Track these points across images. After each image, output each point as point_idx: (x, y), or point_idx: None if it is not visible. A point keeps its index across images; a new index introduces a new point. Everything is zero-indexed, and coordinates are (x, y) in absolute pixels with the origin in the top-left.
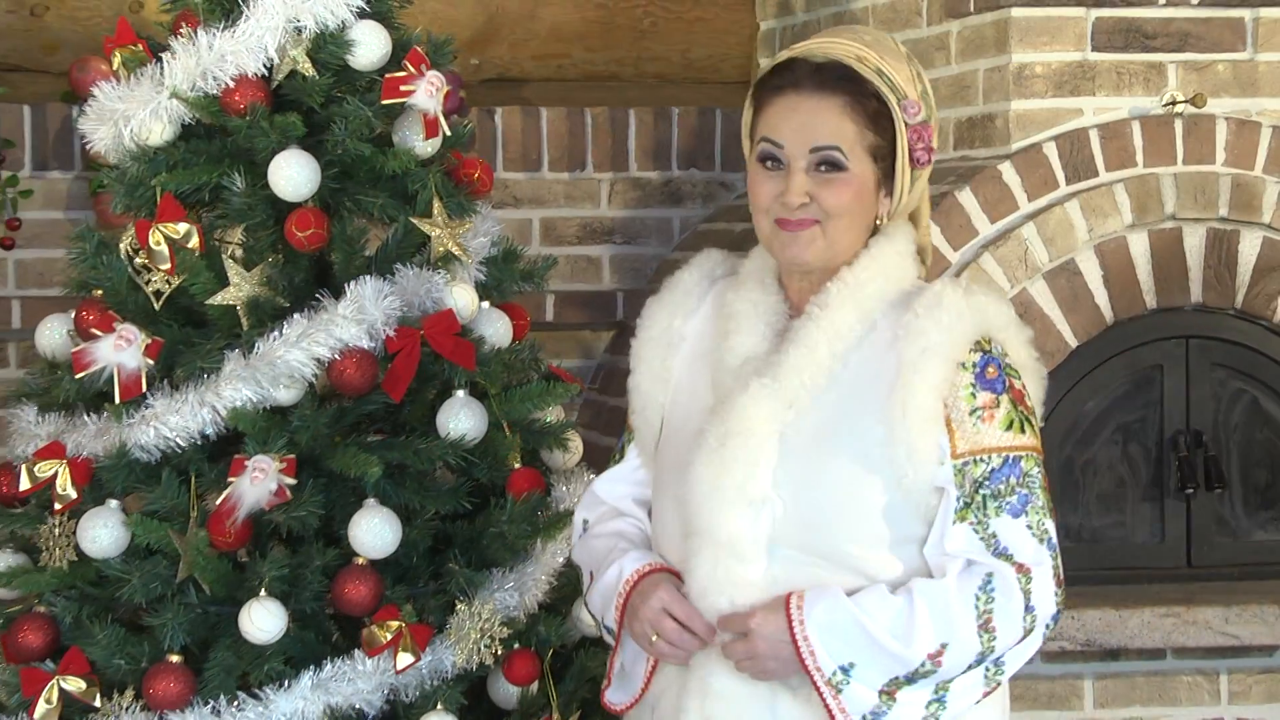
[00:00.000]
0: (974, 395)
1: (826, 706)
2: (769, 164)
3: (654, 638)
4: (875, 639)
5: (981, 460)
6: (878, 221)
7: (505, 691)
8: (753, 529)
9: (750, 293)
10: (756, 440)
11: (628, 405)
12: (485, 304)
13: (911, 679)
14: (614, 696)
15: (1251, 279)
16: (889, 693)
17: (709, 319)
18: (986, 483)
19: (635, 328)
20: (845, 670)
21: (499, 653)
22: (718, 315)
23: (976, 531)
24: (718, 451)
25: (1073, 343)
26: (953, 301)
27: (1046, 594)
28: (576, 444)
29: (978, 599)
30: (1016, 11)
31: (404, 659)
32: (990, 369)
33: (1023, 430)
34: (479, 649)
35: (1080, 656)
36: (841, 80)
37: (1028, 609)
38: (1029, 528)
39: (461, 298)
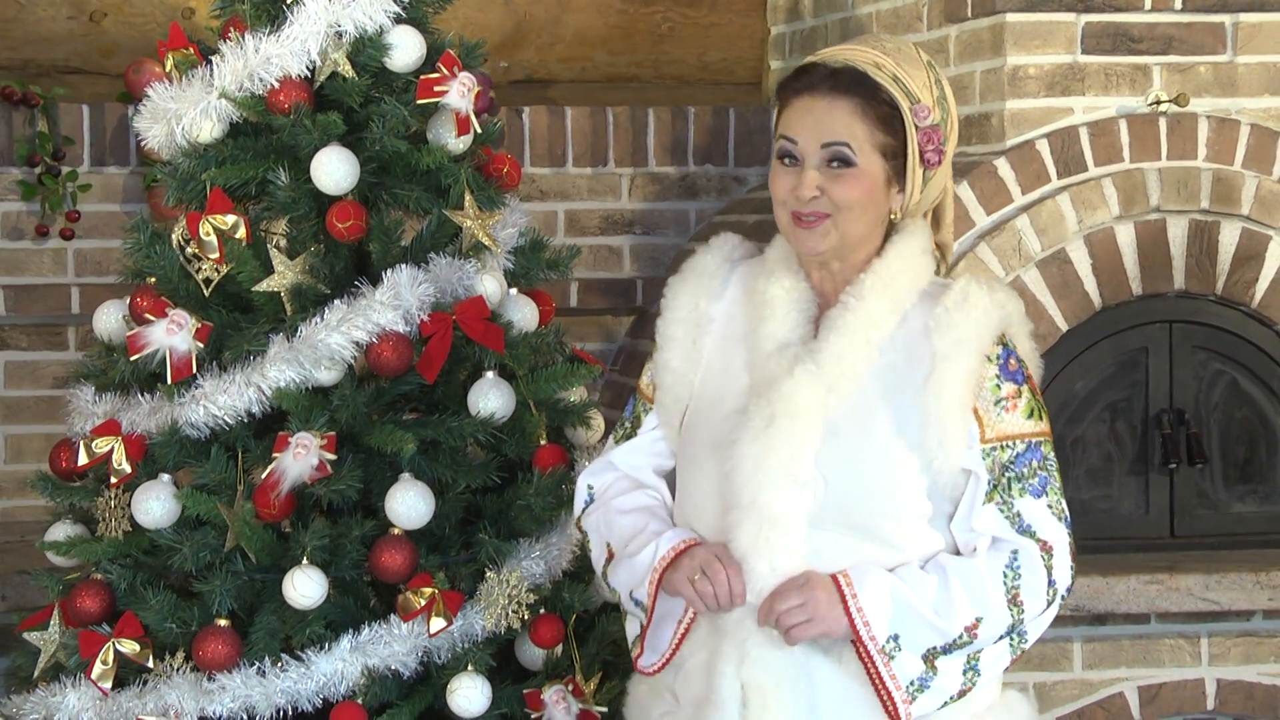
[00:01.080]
0: (999, 386)
1: (878, 675)
2: (786, 160)
3: (697, 576)
4: (919, 612)
5: (1008, 446)
6: (891, 216)
7: (531, 654)
8: (796, 506)
9: (783, 280)
10: (802, 423)
11: (643, 377)
12: (513, 291)
13: (948, 650)
14: (645, 661)
15: (1231, 267)
16: (929, 661)
17: (737, 302)
18: (1012, 466)
19: (660, 307)
20: (895, 639)
21: (525, 617)
22: (748, 300)
23: (1002, 511)
24: (764, 432)
25: (1063, 327)
26: (979, 298)
27: (1064, 568)
28: (598, 422)
29: (1006, 575)
30: (1011, 17)
31: (437, 623)
32: (1011, 361)
33: (1041, 418)
34: (507, 614)
35: (1070, 621)
36: (854, 84)
37: (1050, 583)
38: (1049, 507)
39: (491, 285)
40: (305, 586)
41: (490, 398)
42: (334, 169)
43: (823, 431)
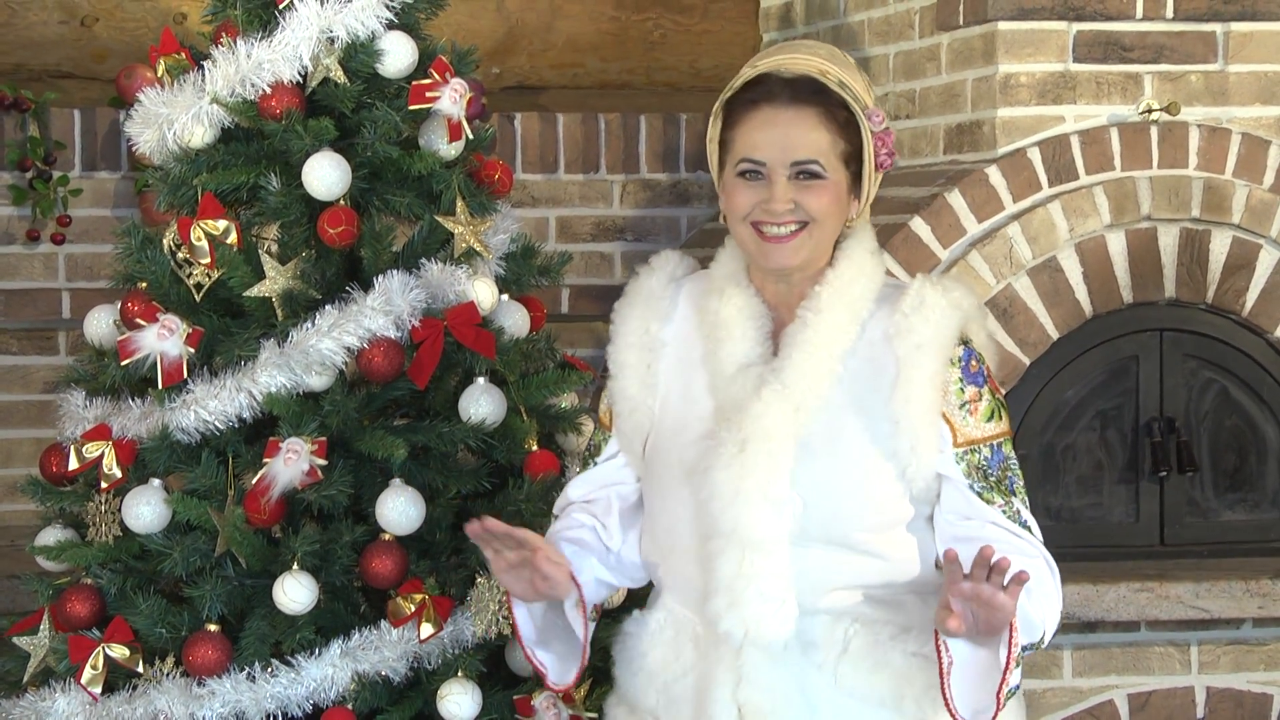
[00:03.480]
0: (962, 390)
1: (1000, 683)
2: (749, 176)
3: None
4: (1031, 620)
5: (975, 450)
6: (847, 223)
7: (521, 660)
8: (776, 527)
9: (734, 299)
10: (775, 444)
11: (600, 405)
12: (505, 297)
13: (1023, 650)
14: (556, 677)
15: (1221, 276)
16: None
17: (688, 322)
18: (989, 471)
19: (610, 334)
20: (1023, 650)
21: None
22: (700, 321)
23: (1005, 512)
24: (738, 457)
25: (1054, 335)
26: (935, 300)
27: None
28: (589, 428)
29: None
30: (1003, 25)
31: (427, 629)
32: (973, 363)
33: (1001, 418)
34: (497, 620)
35: (1060, 629)
36: (813, 94)
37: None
38: (1024, 504)
39: (482, 291)
40: (295, 592)
41: (481, 403)
42: (325, 174)
43: (796, 450)
